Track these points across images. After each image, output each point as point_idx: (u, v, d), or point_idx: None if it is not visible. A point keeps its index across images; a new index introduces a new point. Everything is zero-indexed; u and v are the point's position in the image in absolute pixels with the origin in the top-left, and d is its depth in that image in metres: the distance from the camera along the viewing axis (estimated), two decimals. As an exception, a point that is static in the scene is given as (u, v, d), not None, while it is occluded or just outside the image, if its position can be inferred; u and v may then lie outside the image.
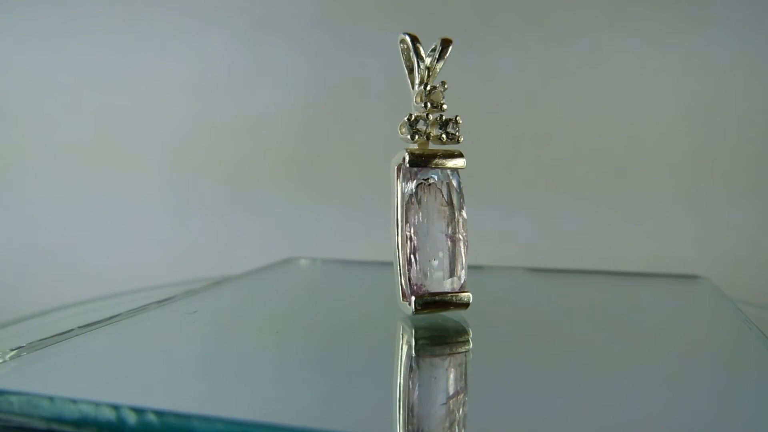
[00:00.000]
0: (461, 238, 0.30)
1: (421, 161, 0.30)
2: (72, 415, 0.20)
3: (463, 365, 0.26)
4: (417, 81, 0.30)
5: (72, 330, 0.29)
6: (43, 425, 0.21)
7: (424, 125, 0.30)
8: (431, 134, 0.30)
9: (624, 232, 0.64)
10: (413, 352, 0.27)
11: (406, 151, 0.30)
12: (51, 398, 0.21)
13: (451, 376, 0.24)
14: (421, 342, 0.28)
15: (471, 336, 0.29)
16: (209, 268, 0.67)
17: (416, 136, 0.30)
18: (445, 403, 0.21)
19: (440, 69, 0.30)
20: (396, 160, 0.30)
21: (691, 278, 0.46)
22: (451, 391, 0.23)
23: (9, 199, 0.75)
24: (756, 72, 0.61)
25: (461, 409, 0.21)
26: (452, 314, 0.31)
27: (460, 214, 0.30)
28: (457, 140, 0.30)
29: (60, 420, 0.21)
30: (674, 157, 0.63)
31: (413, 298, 0.29)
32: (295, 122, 0.71)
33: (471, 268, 0.43)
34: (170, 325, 0.33)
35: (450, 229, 0.30)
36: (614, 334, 0.31)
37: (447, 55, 0.30)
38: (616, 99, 0.64)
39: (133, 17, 0.72)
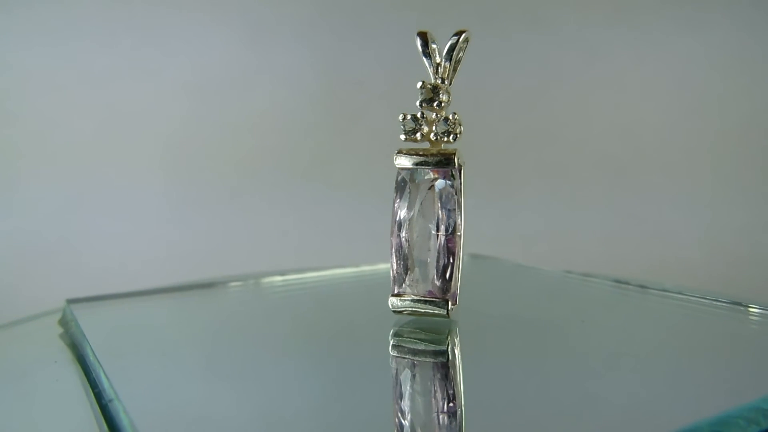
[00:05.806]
0: (457, 239, 0.30)
1: (409, 161, 0.29)
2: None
3: (458, 367, 0.26)
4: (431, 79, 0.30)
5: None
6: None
7: (415, 123, 0.29)
8: (426, 132, 0.30)
9: (624, 232, 0.64)
10: (410, 354, 0.27)
11: (396, 151, 0.30)
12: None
13: (446, 378, 0.24)
14: (417, 344, 0.28)
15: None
16: (209, 268, 0.67)
17: (408, 135, 0.30)
18: (442, 407, 0.21)
19: (451, 67, 0.29)
20: None
21: None
22: (447, 394, 0.23)
23: (9, 199, 0.75)
24: (756, 72, 0.61)
25: (457, 412, 0.21)
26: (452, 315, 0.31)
27: (457, 215, 0.30)
28: (453, 138, 0.29)
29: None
30: (674, 156, 0.63)
31: (391, 299, 0.29)
32: (295, 122, 0.70)
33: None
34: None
35: (445, 230, 0.29)
36: (608, 339, 0.31)
37: (455, 52, 0.29)
38: (616, 99, 0.64)
39: (133, 17, 0.72)
